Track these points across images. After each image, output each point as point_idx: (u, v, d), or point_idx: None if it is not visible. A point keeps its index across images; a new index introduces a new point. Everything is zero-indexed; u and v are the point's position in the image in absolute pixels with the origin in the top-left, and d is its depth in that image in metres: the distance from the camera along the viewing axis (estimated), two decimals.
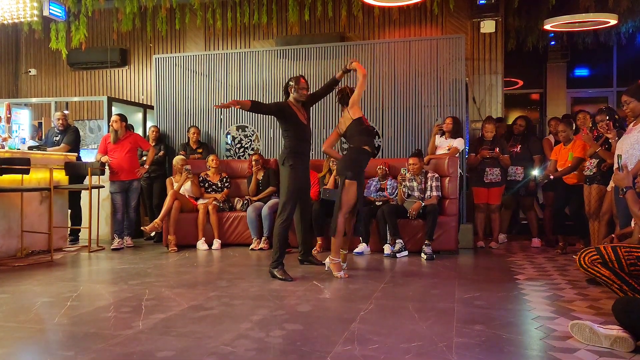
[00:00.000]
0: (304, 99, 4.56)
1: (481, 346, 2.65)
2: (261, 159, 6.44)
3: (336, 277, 4.33)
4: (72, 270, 5.00)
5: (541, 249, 6.10)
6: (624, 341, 2.57)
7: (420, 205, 5.57)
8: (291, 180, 4.42)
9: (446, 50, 6.52)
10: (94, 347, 2.65)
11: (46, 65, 9.85)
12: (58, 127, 6.70)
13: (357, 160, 4.46)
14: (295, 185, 4.43)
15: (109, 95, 9.04)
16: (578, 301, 3.59)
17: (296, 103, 4.54)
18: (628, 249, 2.86)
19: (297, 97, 4.53)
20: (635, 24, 8.15)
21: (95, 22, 9.23)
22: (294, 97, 4.54)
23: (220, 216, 6.21)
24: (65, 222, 6.31)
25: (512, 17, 8.05)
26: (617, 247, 2.88)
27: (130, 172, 6.21)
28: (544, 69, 9.45)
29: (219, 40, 8.81)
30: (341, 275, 4.34)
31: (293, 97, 4.55)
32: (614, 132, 4.44)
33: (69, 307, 3.44)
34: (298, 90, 4.51)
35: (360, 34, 8.20)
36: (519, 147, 6.42)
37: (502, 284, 4.17)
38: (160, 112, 7.42)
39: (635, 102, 3.92)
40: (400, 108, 6.66)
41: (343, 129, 4.57)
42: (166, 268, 4.98)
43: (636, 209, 2.98)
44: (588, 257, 2.94)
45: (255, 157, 6.40)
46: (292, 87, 4.54)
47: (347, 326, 2.97)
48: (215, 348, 2.62)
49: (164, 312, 3.28)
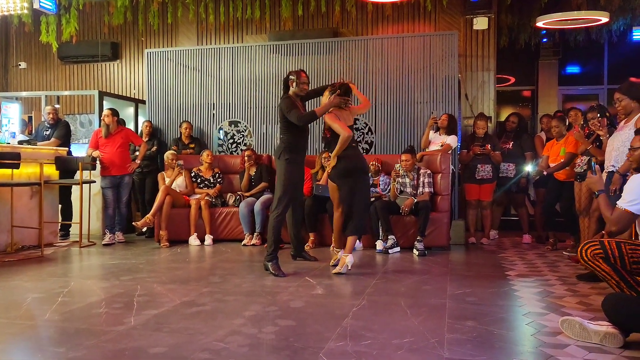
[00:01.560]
0: (303, 93, 4.55)
1: (472, 342, 2.66)
2: (254, 154, 6.42)
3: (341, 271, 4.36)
4: (63, 265, 4.97)
5: (532, 245, 6.14)
6: (613, 337, 2.59)
7: (412, 202, 5.59)
8: (287, 175, 4.41)
9: (439, 46, 6.53)
10: (86, 343, 2.64)
11: (36, 59, 9.74)
12: (48, 121, 6.64)
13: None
14: (292, 179, 4.43)
15: (100, 89, 8.98)
16: (568, 297, 3.62)
17: (295, 97, 4.51)
18: (633, 246, 2.84)
19: (297, 92, 4.50)
20: (626, 22, 8.20)
21: (86, 15, 9.13)
22: (294, 91, 4.50)
23: (213, 212, 6.19)
24: (56, 217, 6.27)
25: (505, 14, 8.07)
26: (622, 244, 2.86)
27: (122, 167, 6.17)
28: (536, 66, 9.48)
29: (212, 34, 8.76)
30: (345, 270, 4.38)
31: (293, 92, 4.50)
32: (605, 130, 4.47)
33: (60, 303, 3.42)
34: (299, 84, 4.48)
35: (354, 30, 8.18)
36: (511, 144, 6.46)
37: (494, 280, 4.20)
38: (152, 107, 7.38)
39: (628, 100, 3.95)
40: (393, 104, 6.67)
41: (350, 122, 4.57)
42: (158, 264, 4.96)
43: (608, 213, 2.96)
44: (590, 250, 2.92)
45: (247, 152, 6.39)
46: (292, 81, 4.49)
47: (340, 322, 2.98)
48: (208, 344, 2.62)
49: (156, 308, 3.28)
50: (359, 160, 4.55)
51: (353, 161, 4.47)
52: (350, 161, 4.45)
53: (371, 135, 6.72)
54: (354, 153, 4.51)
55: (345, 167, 4.44)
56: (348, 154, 4.43)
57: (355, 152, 4.55)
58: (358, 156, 4.58)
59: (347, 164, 4.44)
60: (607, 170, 4.14)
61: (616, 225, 2.91)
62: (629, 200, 2.86)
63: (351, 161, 4.45)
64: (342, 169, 4.45)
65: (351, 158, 4.46)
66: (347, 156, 4.43)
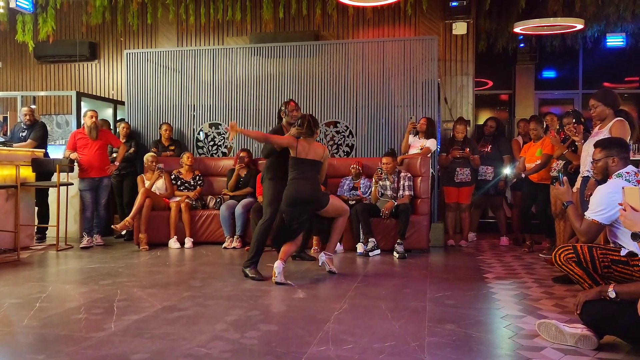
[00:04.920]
0: (294, 120, 4.65)
1: (452, 345, 2.71)
2: (248, 157, 6.36)
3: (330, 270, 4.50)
4: (40, 269, 4.90)
5: (509, 247, 6.25)
6: (587, 339, 2.67)
7: (393, 205, 5.64)
8: (271, 191, 4.50)
9: (419, 51, 6.61)
10: (66, 350, 2.61)
11: (12, 58, 9.55)
12: (25, 122, 6.52)
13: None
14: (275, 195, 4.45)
15: (78, 90, 8.84)
16: (544, 299, 3.70)
17: (288, 125, 4.70)
18: (604, 251, 2.94)
19: (288, 120, 4.72)
20: (600, 28, 8.39)
21: (64, 14, 8.98)
22: (286, 120, 4.75)
23: (193, 214, 6.16)
24: (32, 220, 6.16)
25: (483, 19, 8.19)
26: (594, 248, 2.95)
27: (101, 170, 6.10)
28: (513, 71, 9.64)
29: (192, 36, 8.70)
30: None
31: (286, 121, 4.75)
32: (580, 136, 4.58)
33: (38, 309, 3.37)
34: (288, 113, 4.72)
35: (335, 33, 8.22)
36: (489, 147, 6.56)
37: (472, 282, 4.27)
38: (132, 109, 7.30)
39: (602, 107, 4.05)
40: (374, 108, 6.72)
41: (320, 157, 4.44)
42: (138, 267, 4.92)
43: (577, 224, 3.04)
44: (564, 254, 3.01)
45: (243, 153, 6.35)
46: (283, 111, 4.78)
47: (322, 326, 3.00)
48: (190, 350, 2.61)
49: (137, 313, 3.25)
50: (304, 192, 4.27)
51: (299, 192, 4.27)
52: (295, 191, 4.27)
53: (352, 138, 6.76)
54: (302, 184, 4.30)
55: (291, 196, 4.27)
56: (296, 184, 4.30)
57: (304, 184, 4.31)
58: (305, 188, 4.29)
59: (293, 194, 4.27)
60: (582, 175, 4.23)
61: (585, 235, 3.00)
62: (595, 210, 2.94)
63: (296, 191, 4.27)
64: (288, 198, 4.28)
65: (297, 188, 4.28)
66: (294, 186, 4.30)
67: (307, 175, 4.33)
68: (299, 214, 4.25)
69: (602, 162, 3.10)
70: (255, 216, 5.57)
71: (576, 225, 3.06)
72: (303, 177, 4.31)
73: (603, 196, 2.94)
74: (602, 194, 2.96)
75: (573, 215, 3.11)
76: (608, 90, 4.47)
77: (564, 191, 3.20)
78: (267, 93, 6.98)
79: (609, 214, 2.89)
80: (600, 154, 3.12)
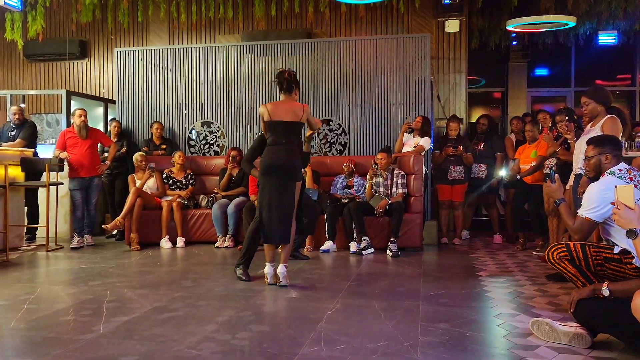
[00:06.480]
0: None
1: (445, 345, 2.69)
2: (239, 156, 6.29)
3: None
4: (29, 270, 4.83)
5: (502, 245, 6.24)
6: (581, 338, 2.65)
7: (386, 203, 5.62)
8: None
9: (412, 48, 6.58)
10: (53, 352, 2.57)
11: (1, 57, 9.44)
12: (14, 121, 6.44)
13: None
14: None
15: (68, 88, 8.75)
16: (538, 297, 3.69)
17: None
18: (597, 249, 2.92)
19: None
20: (592, 26, 8.42)
21: (54, 12, 8.88)
22: None
23: (185, 213, 6.11)
24: (22, 220, 6.08)
25: (476, 17, 8.19)
26: (587, 246, 2.93)
27: (91, 169, 6.03)
28: (506, 69, 9.66)
29: (184, 34, 8.63)
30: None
31: None
32: (572, 134, 4.57)
33: (26, 311, 3.32)
34: None
35: (327, 31, 8.18)
36: (482, 145, 6.54)
37: (466, 280, 4.25)
38: (123, 107, 7.24)
39: (594, 104, 4.04)
40: (367, 106, 6.69)
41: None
42: (128, 268, 4.87)
43: (570, 222, 3.03)
44: (557, 252, 2.99)
45: (234, 152, 6.29)
46: None
47: (314, 326, 2.97)
48: (180, 352, 2.58)
49: (127, 315, 3.21)
50: (279, 158, 4.01)
51: (272, 158, 4.03)
52: (270, 158, 4.05)
53: (345, 136, 6.73)
54: (277, 150, 4.04)
55: (265, 163, 4.05)
56: (271, 151, 4.06)
57: (279, 151, 4.04)
58: (280, 155, 4.02)
59: (267, 160, 4.05)
60: (575, 172, 4.22)
61: (578, 233, 2.99)
62: (588, 208, 2.93)
63: (270, 158, 4.04)
64: (262, 165, 4.05)
65: (272, 155, 4.05)
66: (269, 153, 4.07)
67: (283, 140, 4.00)
68: (270, 188, 3.96)
69: (595, 160, 3.09)
70: (247, 215, 5.53)
71: (569, 223, 3.05)
72: (278, 143, 4.00)
73: (596, 194, 2.93)
74: (595, 192, 2.94)
75: (565, 213, 3.10)
76: (599, 88, 4.47)
77: (555, 189, 3.19)
78: (260, 91, 6.93)
79: (601, 211, 2.87)
80: (593, 151, 3.11)
